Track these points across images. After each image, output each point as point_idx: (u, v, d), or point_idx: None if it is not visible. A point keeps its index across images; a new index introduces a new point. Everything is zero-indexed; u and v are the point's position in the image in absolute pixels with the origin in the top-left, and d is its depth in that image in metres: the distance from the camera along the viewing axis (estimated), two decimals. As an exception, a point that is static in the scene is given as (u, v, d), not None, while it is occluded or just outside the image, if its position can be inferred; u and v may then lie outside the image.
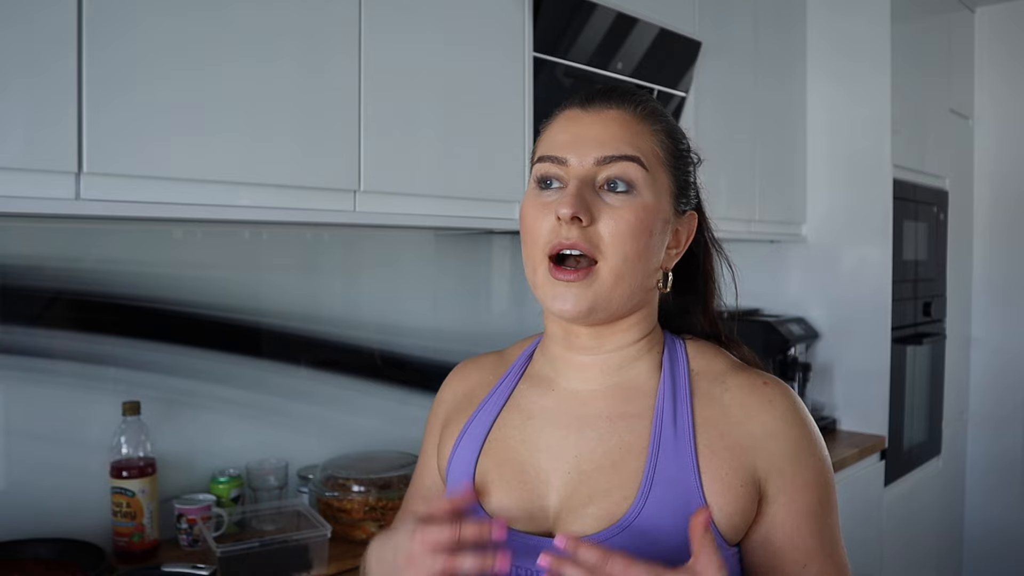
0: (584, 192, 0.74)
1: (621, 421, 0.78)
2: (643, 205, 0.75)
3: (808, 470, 0.76)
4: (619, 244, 0.74)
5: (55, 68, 1.11)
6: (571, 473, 0.77)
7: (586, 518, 0.74)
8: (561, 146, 0.77)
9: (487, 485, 0.80)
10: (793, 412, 0.77)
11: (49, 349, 1.45)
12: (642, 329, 0.81)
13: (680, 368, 0.80)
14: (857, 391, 2.66)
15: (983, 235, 3.25)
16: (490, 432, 0.83)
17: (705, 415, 0.77)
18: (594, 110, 0.78)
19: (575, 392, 0.81)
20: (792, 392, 0.79)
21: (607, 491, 0.75)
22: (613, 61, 1.94)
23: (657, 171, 0.77)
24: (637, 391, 0.80)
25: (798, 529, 0.75)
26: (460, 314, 2.08)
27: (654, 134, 0.79)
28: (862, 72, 2.61)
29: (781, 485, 0.75)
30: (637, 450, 0.76)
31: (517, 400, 0.84)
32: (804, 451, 0.76)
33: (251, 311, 1.70)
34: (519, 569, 0.75)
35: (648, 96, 0.82)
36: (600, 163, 0.75)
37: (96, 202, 1.17)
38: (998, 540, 3.17)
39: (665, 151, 0.79)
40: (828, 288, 2.71)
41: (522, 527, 0.76)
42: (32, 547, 1.35)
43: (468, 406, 0.88)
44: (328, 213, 1.45)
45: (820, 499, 0.77)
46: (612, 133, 0.76)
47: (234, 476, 1.62)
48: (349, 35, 1.44)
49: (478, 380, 0.90)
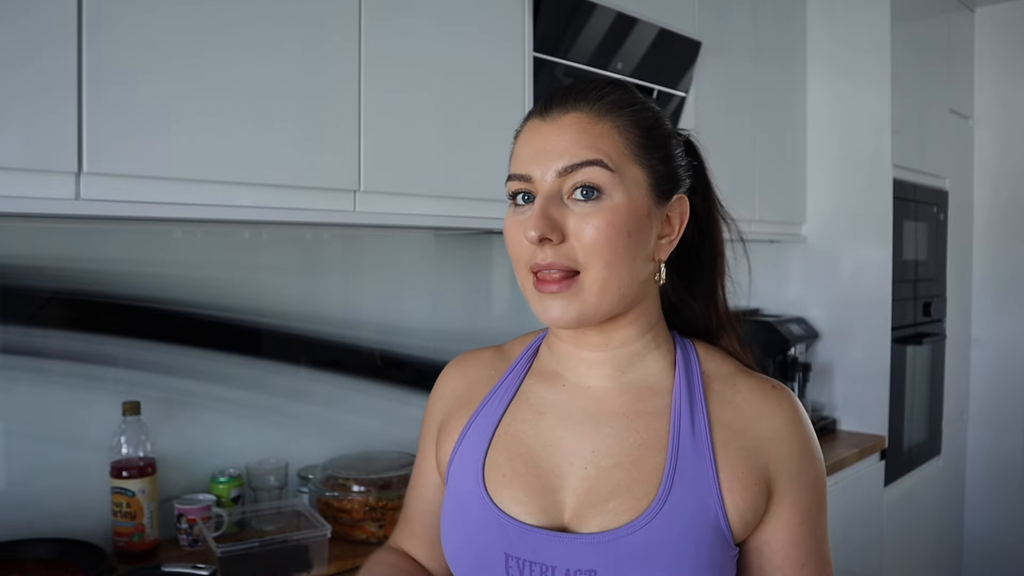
0: (550, 210, 0.73)
1: (639, 419, 0.78)
2: (613, 208, 0.73)
3: (811, 472, 0.78)
4: (595, 253, 0.73)
5: (54, 67, 1.11)
6: (588, 468, 0.77)
7: (606, 513, 0.74)
8: (525, 162, 0.77)
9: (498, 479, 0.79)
10: (799, 416, 0.79)
11: (49, 349, 1.45)
12: (644, 323, 0.81)
13: (693, 368, 0.81)
14: (857, 391, 2.66)
15: (983, 235, 3.25)
16: (498, 427, 0.82)
17: (719, 415, 0.78)
18: (551, 118, 0.77)
19: (587, 388, 0.81)
20: (796, 397, 0.81)
21: (628, 487, 0.75)
22: (613, 61, 1.94)
23: (625, 167, 0.75)
24: (651, 390, 0.80)
25: (800, 527, 0.77)
26: (460, 314, 2.08)
27: (616, 129, 0.76)
28: (862, 72, 2.61)
29: (788, 486, 0.76)
30: (657, 447, 0.76)
31: (526, 395, 0.84)
32: (808, 453, 0.78)
33: (251, 311, 1.70)
34: (532, 563, 0.74)
35: (607, 88, 0.78)
36: (563, 174, 0.74)
37: (96, 202, 1.17)
38: (998, 540, 3.17)
39: (631, 143, 0.76)
40: (828, 288, 2.71)
41: (535, 521, 0.76)
42: (32, 547, 1.35)
43: (469, 401, 0.87)
44: (328, 213, 1.45)
45: (819, 500, 0.79)
46: (570, 140, 0.74)
47: (234, 476, 1.62)
48: (349, 33, 1.44)
49: (477, 374, 0.89)
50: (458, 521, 0.80)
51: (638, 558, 0.71)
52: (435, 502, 0.90)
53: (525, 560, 0.74)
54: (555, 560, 0.73)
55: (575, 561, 0.73)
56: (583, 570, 0.72)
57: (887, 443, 2.60)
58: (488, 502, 0.78)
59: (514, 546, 0.75)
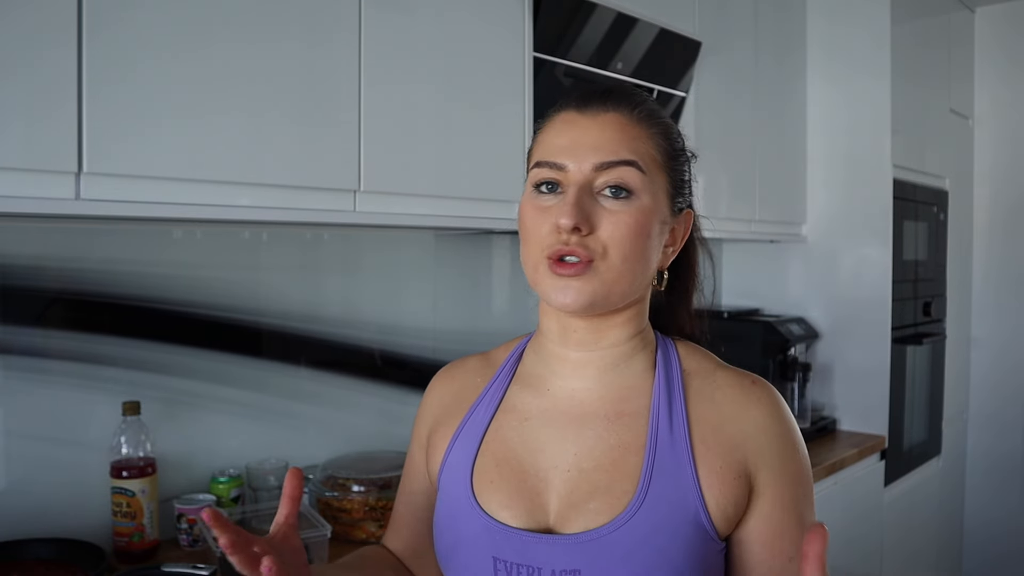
0: (583, 200, 0.75)
1: (619, 420, 0.79)
2: (641, 208, 0.76)
3: (793, 465, 0.79)
4: (618, 248, 0.75)
5: (54, 67, 1.11)
6: (571, 471, 0.78)
7: (588, 513, 0.75)
8: (558, 151, 0.77)
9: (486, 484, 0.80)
10: (779, 409, 0.80)
11: (49, 349, 1.45)
12: (636, 325, 0.83)
13: (673, 367, 0.82)
14: (857, 391, 2.66)
15: (983, 235, 3.25)
16: (486, 434, 0.84)
17: (698, 411, 0.79)
18: (590, 113, 0.78)
19: (571, 391, 0.82)
20: (776, 391, 0.82)
21: (608, 487, 0.76)
22: (613, 61, 1.94)
23: (654, 173, 0.78)
24: (632, 390, 0.81)
25: (783, 520, 0.77)
26: (460, 314, 2.08)
27: (651, 137, 0.79)
28: (862, 72, 2.61)
29: (770, 479, 0.77)
30: (635, 447, 0.77)
31: (512, 401, 0.85)
32: (790, 446, 0.79)
33: (251, 311, 1.70)
34: (519, 566, 0.76)
35: (645, 97, 0.82)
36: (598, 168, 0.76)
37: (96, 202, 1.17)
38: (998, 540, 3.17)
39: (662, 152, 0.79)
40: (828, 288, 2.71)
41: (521, 524, 0.77)
42: (32, 547, 1.35)
43: (457, 410, 0.88)
44: (328, 213, 1.45)
45: (804, 493, 0.79)
46: (609, 137, 0.76)
47: (234, 476, 1.62)
48: (350, 34, 1.44)
49: (464, 383, 0.91)
50: (448, 527, 0.82)
51: (621, 556, 0.73)
52: (423, 508, 0.92)
53: (512, 563, 0.76)
54: (541, 562, 0.75)
55: (560, 562, 0.74)
56: (568, 570, 0.74)
57: (887, 443, 2.60)
58: (476, 507, 0.79)
59: (501, 549, 0.77)
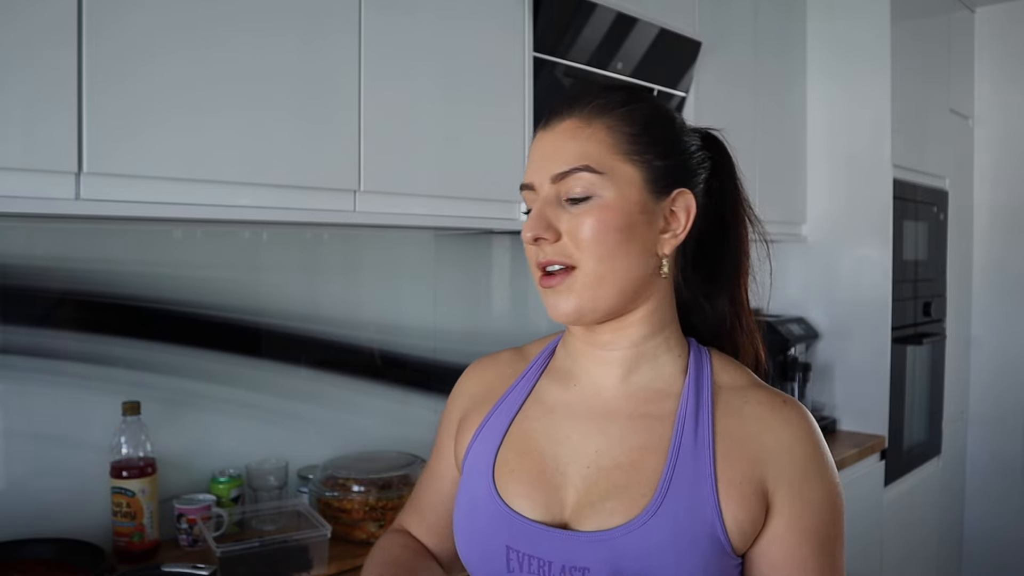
0: (545, 211, 0.77)
1: (643, 421, 0.79)
2: (602, 206, 0.76)
3: (816, 490, 0.76)
4: (588, 249, 0.75)
5: (54, 67, 1.11)
6: (590, 468, 0.78)
7: (603, 513, 0.75)
8: (528, 173, 0.81)
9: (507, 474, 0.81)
10: (808, 433, 0.78)
11: (48, 349, 1.45)
12: (656, 322, 0.81)
13: (704, 376, 0.81)
14: (857, 391, 2.66)
15: (983, 235, 3.25)
16: (511, 425, 0.84)
17: (724, 424, 0.77)
18: (551, 126, 0.80)
19: (598, 388, 0.82)
20: (809, 415, 0.79)
21: (625, 488, 0.75)
22: (613, 61, 1.94)
23: (614, 165, 0.76)
24: (660, 394, 0.80)
25: (798, 546, 0.75)
26: (460, 314, 2.08)
27: (607, 128, 0.77)
28: (862, 72, 2.61)
29: (788, 499, 0.75)
30: (657, 451, 0.77)
31: (539, 394, 0.86)
32: (814, 471, 0.76)
33: (251, 311, 1.70)
34: (531, 557, 0.76)
35: (602, 90, 0.80)
36: (555, 181, 0.77)
37: (96, 202, 1.17)
38: (998, 540, 3.17)
39: (623, 141, 0.77)
40: (828, 288, 2.71)
41: (538, 516, 0.78)
42: (32, 547, 1.35)
43: (486, 401, 0.89)
44: (328, 213, 1.45)
45: (825, 522, 0.76)
46: (559, 147, 0.78)
47: (234, 476, 1.62)
48: (350, 34, 1.44)
49: (496, 375, 0.91)
50: (468, 513, 0.83)
51: (631, 559, 0.72)
52: (448, 494, 0.92)
53: (525, 554, 0.76)
54: (552, 555, 0.75)
55: (571, 558, 0.74)
56: (578, 567, 0.74)
57: (887, 443, 2.60)
58: (495, 496, 0.80)
59: (516, 539, 0.77)
